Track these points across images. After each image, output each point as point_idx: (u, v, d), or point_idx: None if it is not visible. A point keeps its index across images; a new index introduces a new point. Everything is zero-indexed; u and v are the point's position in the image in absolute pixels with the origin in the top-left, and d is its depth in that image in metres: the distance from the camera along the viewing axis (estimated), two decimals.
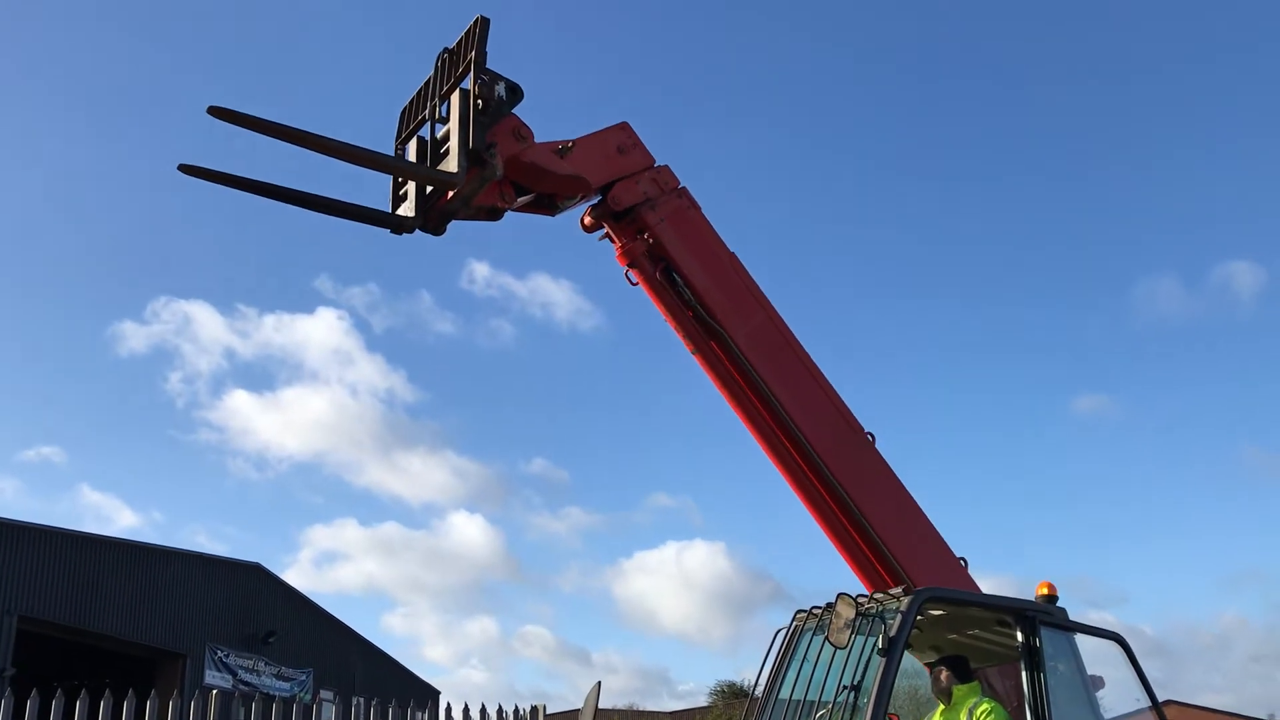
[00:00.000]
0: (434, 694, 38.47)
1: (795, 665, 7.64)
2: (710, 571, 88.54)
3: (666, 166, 9.17)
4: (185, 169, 7.46)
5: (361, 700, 9.91)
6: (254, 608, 31.94)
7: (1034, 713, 7.24)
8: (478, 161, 7.84)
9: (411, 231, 8.33)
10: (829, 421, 9.06)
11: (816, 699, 7.22)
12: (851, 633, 6.78)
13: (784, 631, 7.84)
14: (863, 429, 9.21)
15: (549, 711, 11.49)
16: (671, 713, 62.30)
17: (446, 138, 8.12)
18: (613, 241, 9.17)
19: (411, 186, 8.33)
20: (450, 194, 8.10)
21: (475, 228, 8.84)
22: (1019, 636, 7.49)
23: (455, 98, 8.01)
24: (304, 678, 32.61)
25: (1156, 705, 7.87)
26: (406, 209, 8.34)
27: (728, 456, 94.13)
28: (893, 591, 7.21)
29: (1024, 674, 7.40)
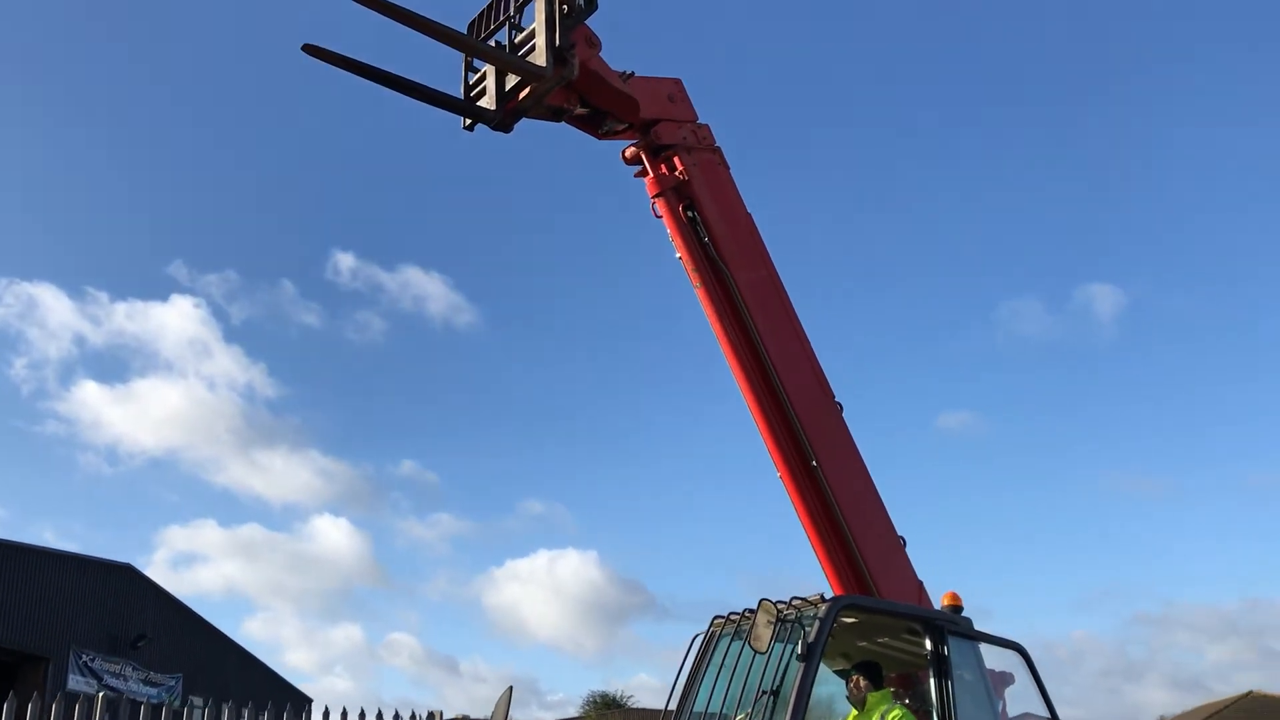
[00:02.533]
0: (306, 701, 37.60)
1: (713, 671, 7.70)
2: (582, 580, 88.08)
3: (707, 126, 9.89)
4: (308, 49, 8.26)
5: (230, 706, 9.66)
6: (123, 610, 30.70)
7: (941, 719, 7.43)
8: (560, 59, 8.40)
9: (491, 123, 8.97)
10: (806, 377, 9.71)
11: (736, 705, 7.30)
12: (771, 638, 6.87)
13: (701, 637, 7.90)
14: (834, 396, 9.85)
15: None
16: None
17: (525, 40, 8.69)
18: (645, 175, 9.84)
19: (490, 82, 8.92)
20: (526, 90, 8.69)
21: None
22: (928, 645, 7.70)
23: (539, 2, 8.51)
24: (173, 683, 31.48)
25: (1054, 712, 8.15)
26: (485, 102, 8.95)
27: (604, 464, 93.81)
28: (810, 598, 7.33)
29: (932, 681, 7.60)
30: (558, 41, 8.40)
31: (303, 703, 36.50)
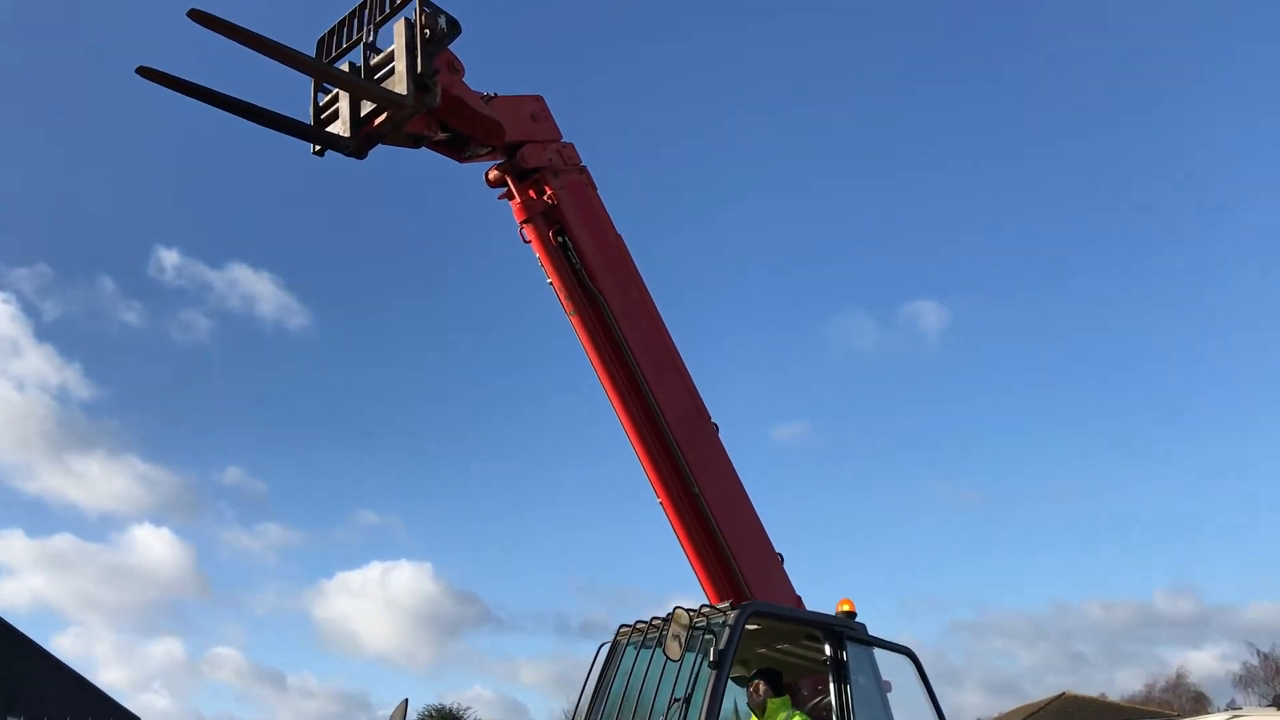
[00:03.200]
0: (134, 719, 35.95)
1: (620, 681, 7.72)
2: (416, 593, 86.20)
3: (571, 145, 9.73)
4: (142, 71, 7.53)
5: None
6: None
7: None
8: (422, 86, 8.10)
9: (345, 150, 8.54)
10: (682, 399, 9.78)
11: (648, 714, 7.33)
12: (683, 645, 6.94)
13: (606, 646, 7.91)
14: (709, 416, 9.93)
15: None
16: None
17: (382, 64, 8.35)
18: (512, 199, 9.59)
19: (344, 106, 8.51)
20: (383, 117, 8.33)
21: None
22: (827, 650, 7.90)
23: (400, 26, 8.21)
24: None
25: (941, 716, 8.47)
26: (337, 127, 8.53)
27: (438, 474, 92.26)
28: (720, 606, 7.44)
29: (831, 685, 7.80)
30: (419, 68, 8.10)
31: None
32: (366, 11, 8.59)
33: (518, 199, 9.50)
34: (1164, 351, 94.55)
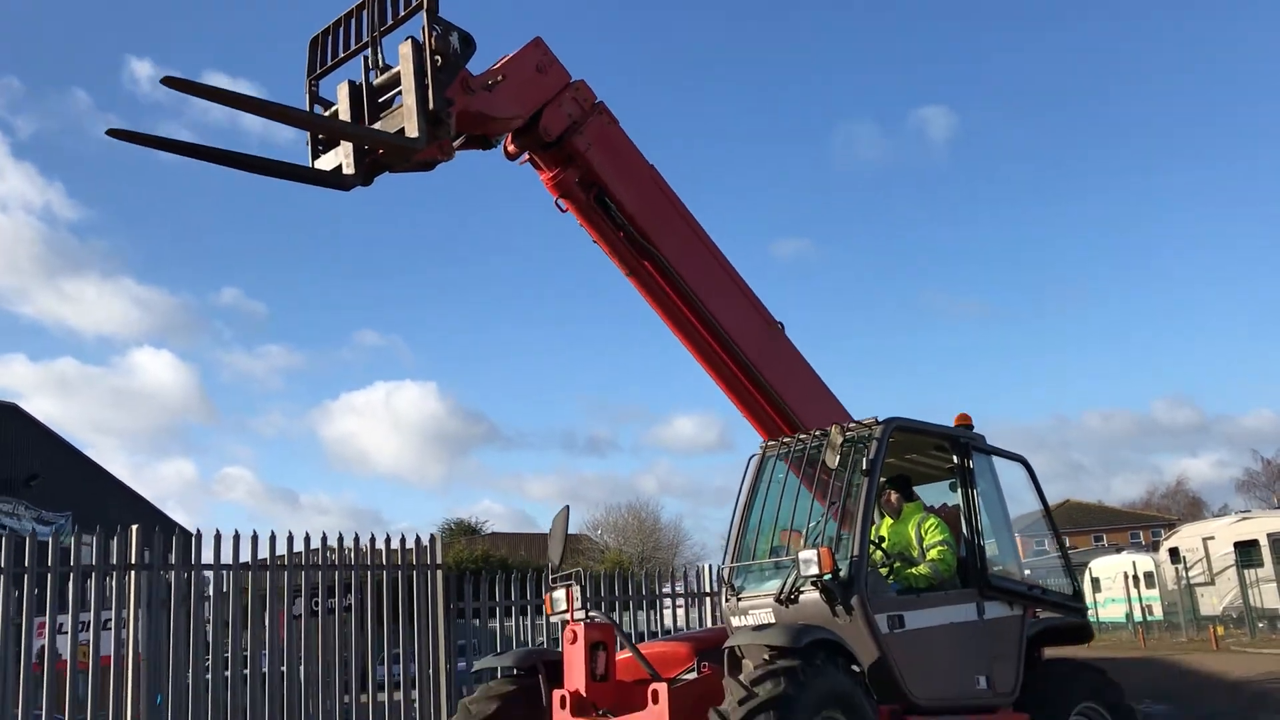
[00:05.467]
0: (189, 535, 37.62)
1: (762, 492, 8.48)
2: (422, 412, 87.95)
3: (582, 81, 9.07)
4: (113, 133, 6.92)
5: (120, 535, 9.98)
6: (12, 450, 29.93)
7: (969, 524, 8.43)
8: (435, 122, 7.52)
9: (348, 189, 7.96)
10: (752, 321, 9.71)
11: (789, 519, 8.12)
12: (841, 456, 7.66)
13: (755, 459, 8.64)
14: (775, 320, 9.92)
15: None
16: None
17: (388, 85, 7.77)
18: (537, 169, 9.09)
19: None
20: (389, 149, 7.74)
21: None
22: (955, 459, 8.64)
23: (406, 49, 7.54)
24: (64, 521, 31.09)
25: (1052, 520, 9.30)
26: (339, 161, 7.88)
27: (441, 293, 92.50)
28: (866, 421, 8.11)
29: (960, 491, 8.57)
30: (431, 104, 7.43)
31: (187, 537, 36.58)
32: (366, 15, 7.95)
33: (546, 174, 9.03)
34: (1177, 164, 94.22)
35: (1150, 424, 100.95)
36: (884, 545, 8.20)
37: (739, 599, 8.06)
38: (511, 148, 9.01)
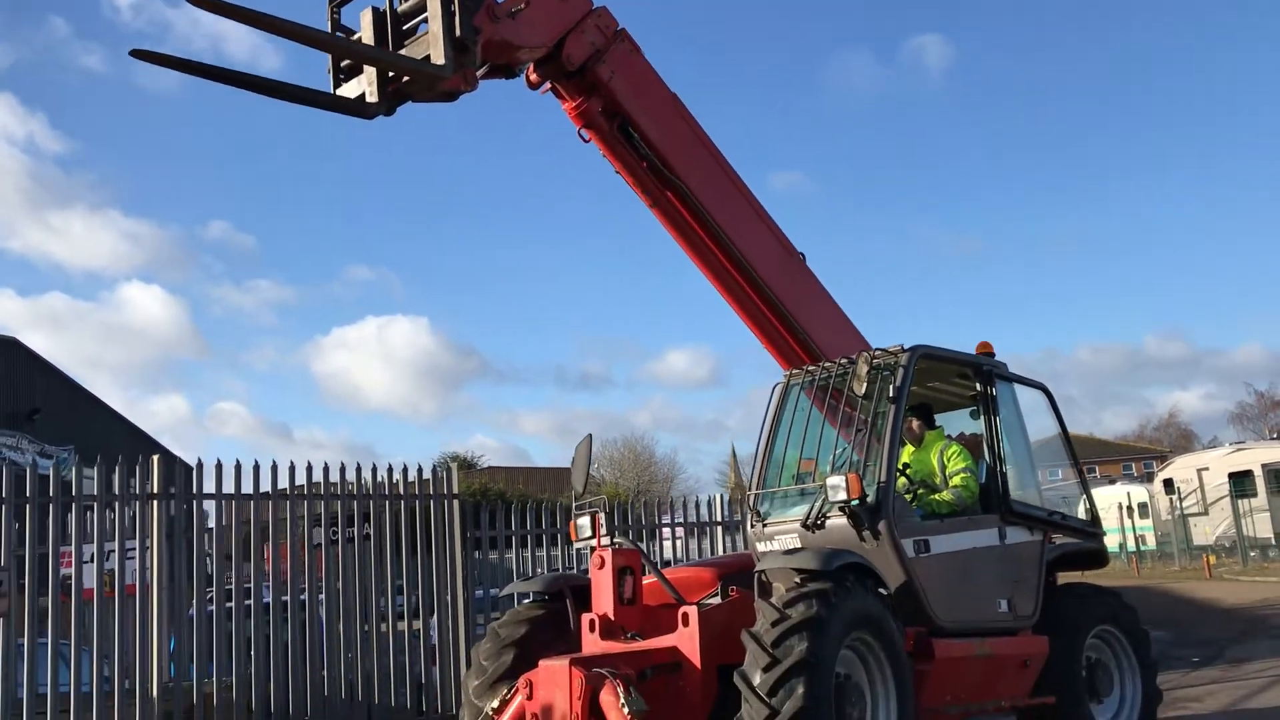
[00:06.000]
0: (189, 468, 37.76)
1: (787, 420, 8.53)
2: (414, 347, 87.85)
3: (605, 8, 8.91)
4: (136, 53, 6.68)
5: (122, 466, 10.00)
6: (13, 384, 29.92)
7: (991, 451, 8.50)
8: (461, 49, 7.37)
9: (370, 117, 7.78)
10: (773, 250, 9.66)
11: (815, 446, 8.19)
12: (868, 383, 7.70)
13: (779, 388, 8.68)
14: (796, 251, 9.87)
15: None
16: None
17: (412, 13, 7.61)
18: (560, 99, 8.95)
19: (370, 66, 7.71)
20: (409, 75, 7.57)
21: None
22: (978, 387, 8.68)
23: None
24: (66, 455, 31.15)
25: (1071, 448, 9.37)
26: (363, 89, 7.71)
27: (431, 228, 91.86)
28: (892, 348, 8.14)
29: (983, 418, 8.62)
30: (458, 30, 7.28)
31: (187, 470, 36.70)
32: None
33: (569, 103, 8.86)
34: (1171, 93, 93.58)
35: (1141, 357, 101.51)
36: (908, 472, 8.27)
37: (765, 525, 8.14)
38: (534, 77, 8.87)
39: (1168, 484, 33.87)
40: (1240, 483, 31.00)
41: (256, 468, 10.60)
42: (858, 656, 6.92)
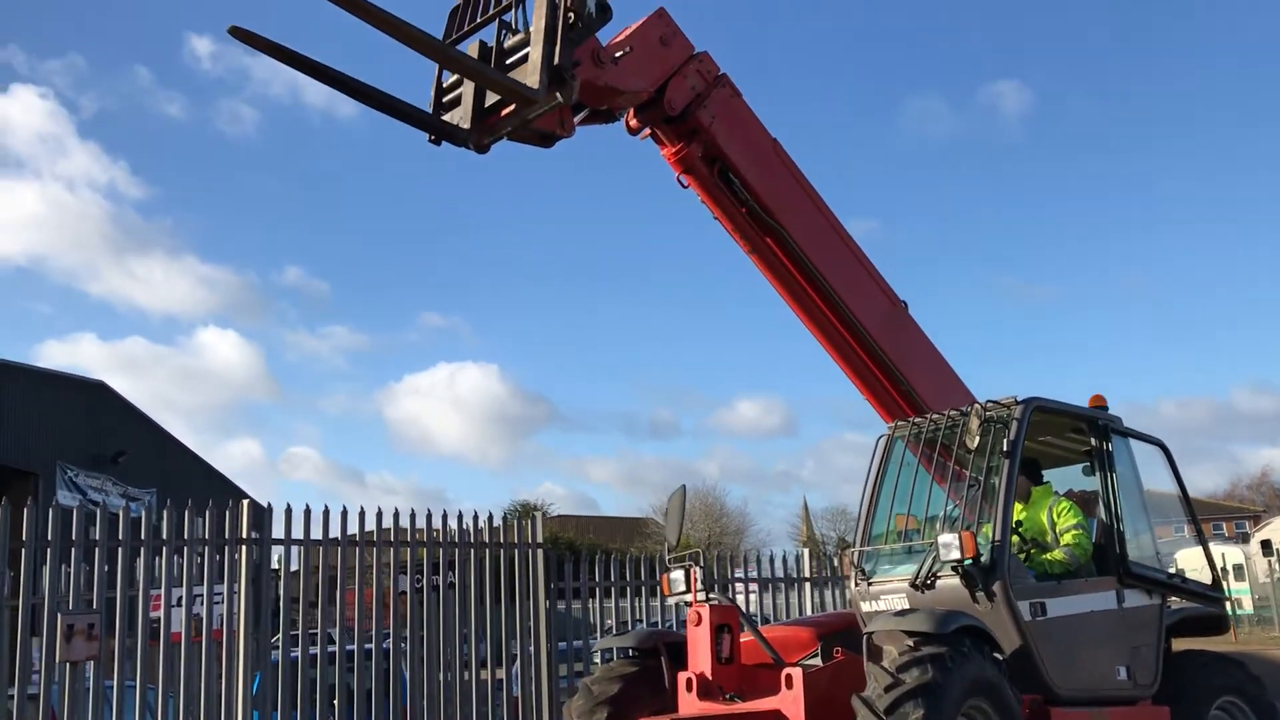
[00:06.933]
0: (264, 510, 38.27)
1: (892, 474, 8.21)
2: (484, 394, 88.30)
3: (706, 53, 8.78)
4: (234, 31, 6.47)
5: (210, 513, 9.92)
6: (100, 427, 30.47)
7: (1106, 509, 8.10)
8: (558, 80, 7.17)
9: (461, 143, 7.61)
10: (876, 300, 9.36)
11: (925, 500, 7.86)
12: (980, 436, 7.38)
13: (883, 440, 8.38)
14: (899, 299, 9.56)
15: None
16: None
17: (518, 46, 7.47)
18: (659, 144, 8.84)
19: (468, 93, 7.57)
20: (508, 109, 7.39)
21: None
22: (1093, 442, 8.30)
23: (540, 4, 7.23)
24: (149, 498, 31.62)
25: (1190, 506, 8.92)
26: (458, 116, 7.60)
27: (501, 277, 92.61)
28: (1004, 401, 7.81)
29: (1098, 474, 8.24)
30: (556, 59, 7.12)
31: (262, 512, 37.14)
32: None
33: (669, 149, 8.69)
34: (1256, 145, 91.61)
35: (1228, 411, 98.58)
36: (1019, 530, 7.91)
37: (869, 584, 7.81)
38: (634, 122, 8.74)
39: (1265, 545, 32.60)
40: None
41: (339, 512, 10.53)
42: None
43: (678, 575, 8.11)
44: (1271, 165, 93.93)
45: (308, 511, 10.37)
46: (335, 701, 10.05)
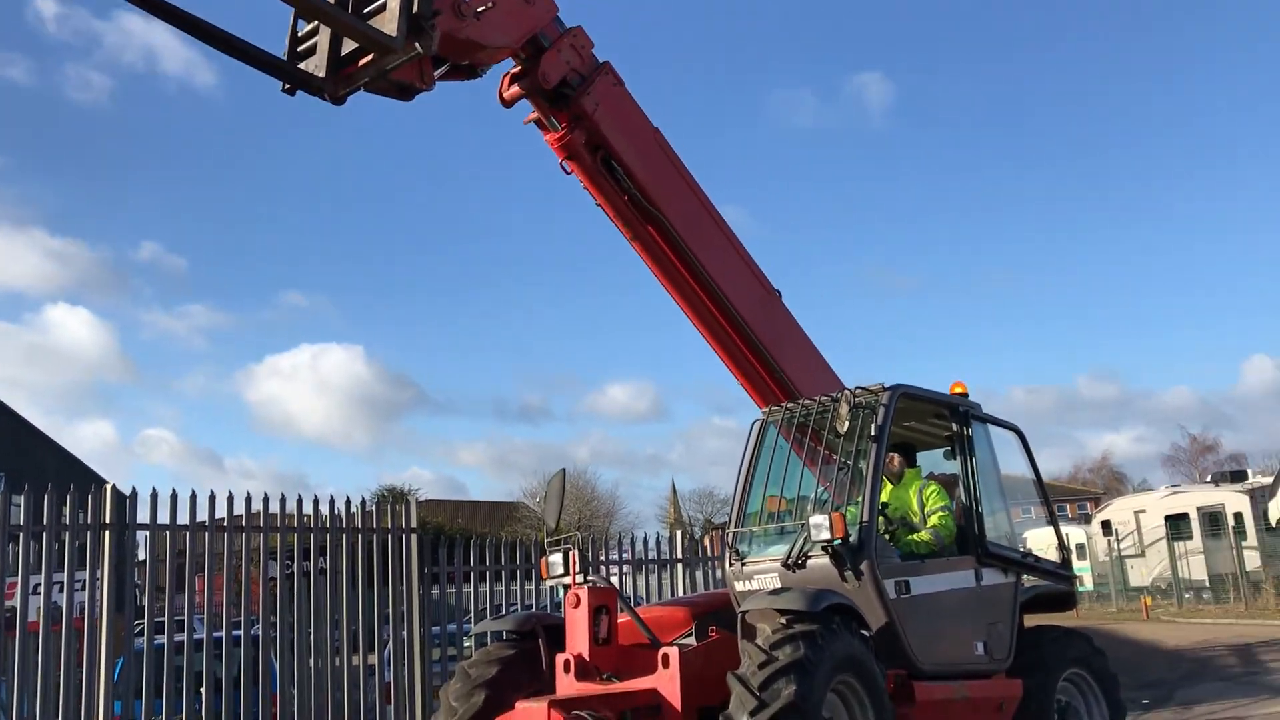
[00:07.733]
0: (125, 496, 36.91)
1: (765, 458, 8.46)
2: (348, 375, 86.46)
3: (580, 28, 8.74)
4: None
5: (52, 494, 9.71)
6: None
7: (966, 491, 8.49)
8: (417, 30, 6.96)
9: (316, 92, 7.35)
10: (752, 288, 9.63)
11: (796, 483, 8.12)
12: (849, 421, 7.65)
13: (757, 426, 8.60)
14: (773, 288, 9.86)
15: None
16: None
17: None
18: (543, 130, 8.87)
19: (324, 40, 7.32)
20: (366, 59, 7.19)
21: None
22: (954, 427, 8.68)
23: None
24: None
25: (1044, 489, 9.40)
26: (313, 65, 7.33)
27: (365, 252, 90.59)
28: (872, 387, 8.11)
29: (958, 459, 8.62)
30: (415, 7, 6.93)
31: (122, 498, 35.82)
32: None
33: (553, 135, 8.77)
34: (1113, 138, 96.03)
35: (1074, 398, 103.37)
36: (886, 511, 8.22)
37: (743, 564, 8.03)
38: (508, 93, 8.74)
39: (1105, 526, 34.37)
40: (1176, 525, 31.54)
41: (206, 497, 10.26)
42: (841, 700, 6.83)
43: (556, 558, 8.17)
44: (1119, 156, 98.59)
45: (174, 496, 10.08)
46: (202, 689, 9.81)
